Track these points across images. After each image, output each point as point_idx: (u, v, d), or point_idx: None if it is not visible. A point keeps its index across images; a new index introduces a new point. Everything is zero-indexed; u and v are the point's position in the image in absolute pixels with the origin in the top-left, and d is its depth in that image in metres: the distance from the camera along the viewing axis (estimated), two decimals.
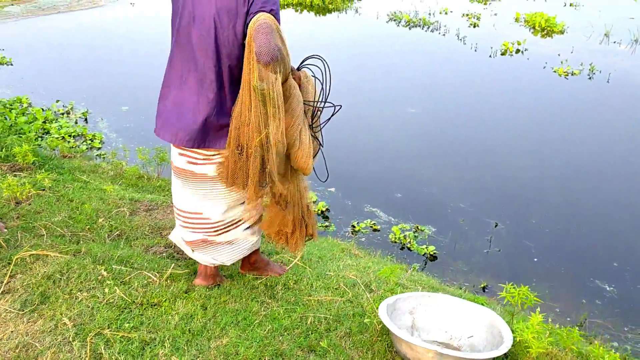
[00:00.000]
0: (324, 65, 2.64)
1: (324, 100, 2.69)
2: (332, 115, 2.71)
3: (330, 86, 2.65)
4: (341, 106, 2.68)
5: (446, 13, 14.97)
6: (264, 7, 2.34)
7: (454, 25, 13.41)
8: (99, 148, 6.67)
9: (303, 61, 2.69)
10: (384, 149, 7.02)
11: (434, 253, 4.90)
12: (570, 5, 16.23)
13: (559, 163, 6.72)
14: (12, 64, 9.83)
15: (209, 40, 2.43)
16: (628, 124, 7.87)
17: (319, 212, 5.50)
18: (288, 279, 3.23)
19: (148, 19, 13.84)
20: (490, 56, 11.06)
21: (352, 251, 4.60)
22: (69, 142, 6.72)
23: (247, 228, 2.89)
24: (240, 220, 2.85)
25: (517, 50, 11.45)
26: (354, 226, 5.27)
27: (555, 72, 10.03)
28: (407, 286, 3.61)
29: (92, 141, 6.78)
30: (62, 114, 7.65)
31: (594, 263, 4.87)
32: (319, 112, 2.71)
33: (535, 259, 4.87)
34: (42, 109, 7.63)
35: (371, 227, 5.30)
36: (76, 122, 7.39)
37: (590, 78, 9.80)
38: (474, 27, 13.54)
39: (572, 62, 10.54)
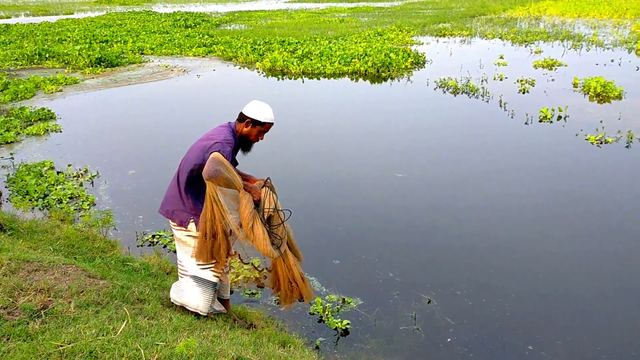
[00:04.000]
0: (271, 186, 3.91)
1: (275, 208, 3.83)
2: (282, 222, 3.85)
3: (276, 200, 3.87)
4: (290, 212, 3.91)
5: (501, 79, 14.61)
6: (212, 150, 3.59)
7: (502, 91, 13.03)
8: (86, 210, 7.07)
9: (265, 182, 3.89)
10: (350, 214, 6.85)
11: (347, 328, 4.64)
12: None
13: (519, 230, 6.21)
14: (61, 131, 10.80)
15: (179, 168, 3.88)
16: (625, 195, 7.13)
17: (254, 279, 5.44)
18: (100, 346, 3.20)
19: (204, 90, 14.73)
20: (526, 123, 10.57)
21: (254, 322, 4.51)
22: (62, 203, 7.23)
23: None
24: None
25: (559, 117, 10.85)
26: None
27: (587, 139, 9.36)
28: None
29: (82, 203, 7.22)
30: (74, 176, 8.24)
31: (508, 346, 4.36)
32: (274, 217, 3.83)
33: (449, 339, 4.45)
34: (57, 172, 8.29)
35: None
36: (81, 185, 7.92)
37: (627, 147, 9.04)
38: (523, 93, 13.05)
39: (613, 129, 9.83)
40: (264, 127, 3.81)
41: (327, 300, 5.06)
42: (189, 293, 4.03)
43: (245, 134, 3.82)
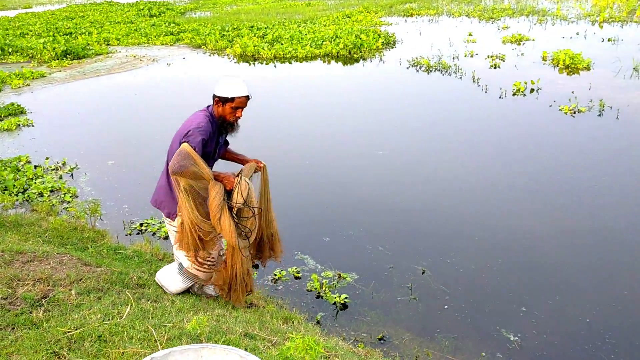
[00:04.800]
0: (248, 179, 3.77)
1: (244, 203, 3.66)
2: (253, 215, 3.74)
3: (252, 190, 3.72)
4: (261, 209, 3.89)
5: (472, 56, 14.74)
6: (182, 141, 3.54)
7: (474, 67, 13.16)
8: (69, 202, 6.96)
9: (239, 172, 3.74)
10: (334, 193, 6.91)
11: (346, 302, 4.70)
12: (609, 40, 15.55)
13: (503, 199, 6.34)
14: (33, 125, 10.57)
15: (168, 155, 3.74)
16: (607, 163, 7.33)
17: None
18: (108, 330, 3.19)
19: (175, 78, 14.55)
20: (500, 97, 10.72)
21: (253, 301, 4.53)
22: (43, 196, 7.10)
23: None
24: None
25: (532, 90, 11.03)
26: (275, 275, 5.16)
27: (561, 110, 9.55)
28: (256, 337, 3.48)
29: (64, 195, 7.11)
30: (53, 169, 8.09)
31: (503, 309, 4.49)
32: (244, 209, 3.71)
33: (446, 307, 4.55)
34: (35, 166, 8.12)
35: (293, 274, 5.17)
36: (61, 177, 7.78)
37: (600, 115, 9.25)
38: (495, 68, 13.22)
39: (585, 99, 10.04)
40: (234, 102, 3.62)
41: (323, 276, 5.10)
42: (168, 271, 4.13)
43: (221, 115, 3.70)
